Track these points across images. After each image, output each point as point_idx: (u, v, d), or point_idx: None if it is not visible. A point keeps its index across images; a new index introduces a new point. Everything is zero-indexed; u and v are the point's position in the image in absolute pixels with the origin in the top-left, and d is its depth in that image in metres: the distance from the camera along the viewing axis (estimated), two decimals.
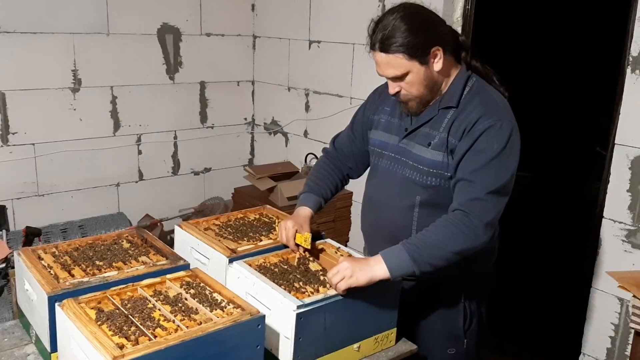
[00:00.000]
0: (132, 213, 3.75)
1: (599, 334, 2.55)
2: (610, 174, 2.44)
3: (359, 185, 2.00)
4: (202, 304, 1.39)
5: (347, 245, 2.82)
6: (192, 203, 4.00)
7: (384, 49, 1.57)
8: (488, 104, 1.61)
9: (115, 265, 1.60)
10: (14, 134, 3.29)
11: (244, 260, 1.66)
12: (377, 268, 1.52)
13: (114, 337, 1.25)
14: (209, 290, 1.46)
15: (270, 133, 4.17)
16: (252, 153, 4.36)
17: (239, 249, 1.72)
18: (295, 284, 1.58)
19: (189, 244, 1.82)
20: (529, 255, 4.31)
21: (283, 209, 2.15)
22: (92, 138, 3.56)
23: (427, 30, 1.57)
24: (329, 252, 1.79)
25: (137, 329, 1.28)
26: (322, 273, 1.66)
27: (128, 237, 1.80)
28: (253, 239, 1.82)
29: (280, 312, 1.46)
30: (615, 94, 2.41)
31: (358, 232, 2.01)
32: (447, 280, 1.75)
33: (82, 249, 1.69)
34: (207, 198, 4.08)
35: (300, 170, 3.79)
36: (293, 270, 1.66)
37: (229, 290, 1.46)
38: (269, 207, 2.12)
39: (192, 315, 1.35)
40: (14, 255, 1.64)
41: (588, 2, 5.43)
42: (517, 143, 1.60)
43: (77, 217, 3.53)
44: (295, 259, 1.73)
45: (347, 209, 3.49)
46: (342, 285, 1.50)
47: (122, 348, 1.19)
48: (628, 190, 2.39)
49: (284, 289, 1.52)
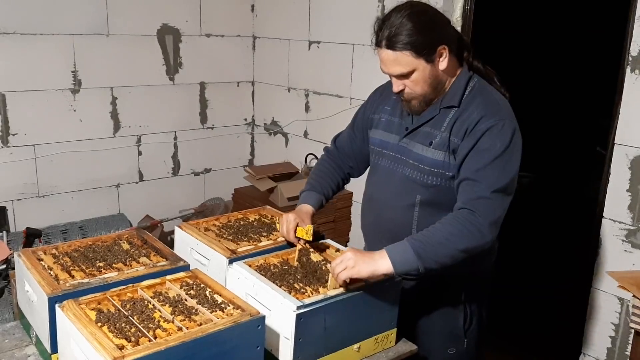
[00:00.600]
0: (132, 214, 3.75)
1: (599, 334, 2.55)
2: (610, 174, 2.44)
3: (359, 186, 2.00)
4: (202, 305, 1.39)
5: (347, 246, 2.82)
6: (192, 204, 4.00)
7: (391, 46, 1.57)
8: (490, 104, 1.62)
9: (116, 266, 1.60)
10: (14, 135, 3.29)
11: (244, 261, 1.66)
12: (381, 262, 1.51)
13: (114, 338, 1.25)
14: (209, 291, 1.46)
15: (270, 133, 4.17)
16: (252, 154, 4.36)
17: (239, 250, 1.72)
18: (295, 285, 1.58)
19: (189, 245, 1.82)
20: (529, 256, 4.31)
21: (283, 210, 2.15)
22: (92, 139, 3.56)
23: (433, 29, 1.58)
24: (330, 252, 1.79)
25: (137, 330, 1.28)
26: (323, 263, 1.65)
27: (128, 238, 1.80)
28: (253, 240, 1.82)
29: (280, 312, 1.46)
30: (615, 94, 2.41)
31: (358, 232, 2.01)
32: (447, 280, 1.75)
33: (82, 250, 1.69)
34: (207, 199, 4.08)
35: (300, 171, 3.79)
36: (293, 271, 1.66)
37: (229, 291, 1.46)
38: (269, 207, 2.12)
39: (192, 316, 1.35)
40: (14, 257, 1.64)
41: (587, 2, 5.42)
42: (519, 143, 1.60)
43: (77, 218, 3.52)
44: (296, 252, 1.73)
45: (347, 209, 3.49)
46: (343, 275, 1.50)
47: (122, 349, 1.20)
48: (628, 190, 2.39)
49: (284, 290, 1.52)
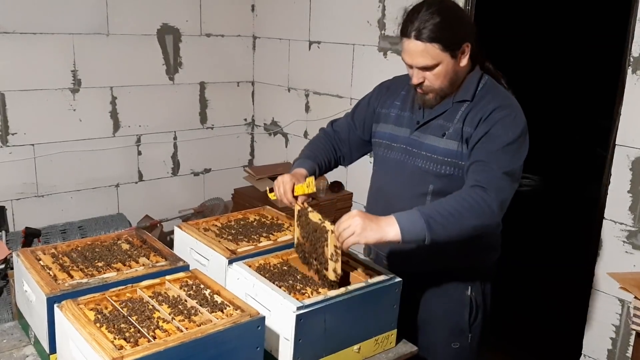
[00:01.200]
0: (131, 214, 3.74)
1: (600, 336, 2.54)
2: (611, 175, 2.44)
3: (360, 186, 2.00)
4: (201, 305, 1.39)
5: None
6: (191, 204, 4.00)
7: (420, 37, 1.59)
8: (503, 98, 1.69)
9: (115, 267, 1.60)
10: (14, 135, 3.29)
11: (244, 262, 1.65)
12: (388, 229, 1.47)
13: (113, 338, 1.24)
14: (209, 292, 1.46)
15: (270, 134, 4.17)
16: (252, 154, 4.36)
17: (239, 250, 1.71)
18: (295, 285, 1.58)
19: (189, 245, 1.81)
20: (529, 256, 4.30)
21: (283, 210, 2.15)
22: (91, 139, 3.55)
23: (461, 26, 1.64)
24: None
25: (136, 331, 1.28)
26: (322, 222, 1.63)
27: (127, 238, 1.80)
28: (253, 240, 1.82)
29: (280, 313, 1.45)
30: (616, 95, 2.41)
31: None
32: (454, 273, 1.78)
33: (81, 250, 1.68)
34: (206, 199, 4.08)
35: None
36: (293, 272, 1.66)
37: (229, 292, 1.45)
38: (269, 207, 2.11)
39: (191, 317, 1.35)
40: (13, 256, 1.63)
41: (588, 2, 5.42)
42: (527, 138, 1.66)
43: (76, 218, 3.52)
44: (295, 214, 1.72)
45: (347, 210, 3.49)
46: (350, 241, 1.48)
47: (121, 349, 1.19)
48: (629, 192, 2.38)
49: (284, 290, 1.52)
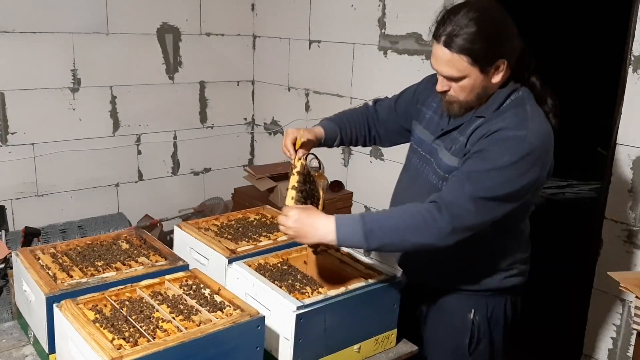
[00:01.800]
0: (131, 213, 3.74)
1: (601, 335, 2.53)
2: (612, 174, 2.43)
3: (360, 186, 1.99)
4: (201, 305, 1.38)
5: None
6: (191, 203, 3.99)
7: (449, 45, 1.46)
8: (517, 118, 1.50)
9: (114, 266, 1.59)
10: (13, 134, 3.28)
11: (244, 261, 1.65)
12: (325, 233, 1.46)
13: (112, 338, 1.24)
14: (208, 291, 1.45)
15: (270, 133, 4.16)
16: (252, 153, 4.35)
17: (239, 250, 1.71)
18: (295, 285, 1.58)
19: (189, 245, 1.81)
20: (529, 256, 4.29)
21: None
22: (91, 138, 3.55)
23: (498, 41, 1.47)
24: (331, 251, 1.78)
25: (135, 330, 1.27)
26: (321, 183, 1.67)
27: (127, 237, 1.79)
28: (253, 240, 1.82)
29: (280, 313, 1.45)
30: (617, 94, 2.40)
31: None
32: (457, 293, 1.70)
33: (80, 250, 1.68)
34: (206, 198, 4.07)
35: None
36: (293, 271, 1.65)
37: (229, 291, 1.45)
38: (269, 207, 2.11)
39: (191, 317, 1.34)
40: (12, 256, 1.63)
41: (589, 1, 5.41)
42: (531, 167, 1.47)
43: (76, 217, 3.51)
44: (295, 164, 1.70)
45: (347, 210, 3.48)
46: (291, 238, 1.53)
47: (120, 349, 1.18)
48: (630, 191, 2.38)
49: (284, 290, 1.51)
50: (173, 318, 1.33)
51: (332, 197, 3.41)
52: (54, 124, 3.40)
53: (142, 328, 1.28)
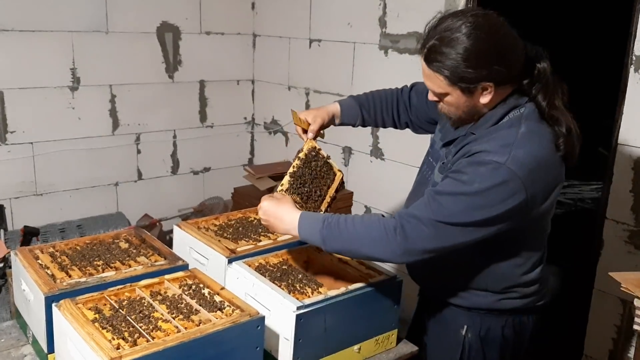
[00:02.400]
0: (130, 213, 3.73)
1: (601, 336, 2.53)
2: (613, 175, 2.42)
3: (360, 185, 1.98)
4: (200, 305, 1.38)
5: None
6: (191, 203, 3.99)
7: (428, 61, 1.38)
8: (504, 142, 1.38)
9: (113, 266, 1.59)
10: (12, 133, 3.27)
11: (244, 261, 1.64)
12: (290, 227, 1.51)
13: (112, 338, 1.23)
14: (208, 291, 1.45)
15: (270, 132, 4.16)
16: (252, 152, 4.34)
17: (239, 249, 1.70)
18: (295, 285, 1.57)
19: (188, 244, 1.80)
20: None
21: None
22: (90, 137, 3.54)
23: (486, 62, 1.35)
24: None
25: (134, 330, 1.27)
26: (334, 167, 1.78)
27: (126, 236, 1.79)
28: (253, 239, 1.81)
29: (280, 313, 1.44)
30: (618, 94, 2.40)
31: None
32: (452, 307, 1.65)
33: (80, 249, 1.67)
34: (206, 198, 4.07)
35: None
36: (293, 271, 1.65)
37: (228, 291, 1.45)
38: None
39: (190, 316, 1.34)
40: (11, 255, 1.62)
41: (591, 1, 5.41)
42: (514, 196, 1.35)
43: (75, 216, 3.51)
44: (306, 145, 1.74)
45: (347, 209, 3.48)
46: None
47: (119, 349, 1.18)
48: (631, 191, 2.37)
49: (284, 290, 1.51)
50: (172, 318, 1.32)
51: (332, 196, 3.40)
52: (53, 123, 3.39)
53: (141, 328, 1.27)
